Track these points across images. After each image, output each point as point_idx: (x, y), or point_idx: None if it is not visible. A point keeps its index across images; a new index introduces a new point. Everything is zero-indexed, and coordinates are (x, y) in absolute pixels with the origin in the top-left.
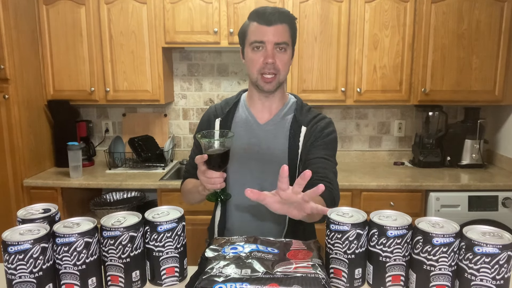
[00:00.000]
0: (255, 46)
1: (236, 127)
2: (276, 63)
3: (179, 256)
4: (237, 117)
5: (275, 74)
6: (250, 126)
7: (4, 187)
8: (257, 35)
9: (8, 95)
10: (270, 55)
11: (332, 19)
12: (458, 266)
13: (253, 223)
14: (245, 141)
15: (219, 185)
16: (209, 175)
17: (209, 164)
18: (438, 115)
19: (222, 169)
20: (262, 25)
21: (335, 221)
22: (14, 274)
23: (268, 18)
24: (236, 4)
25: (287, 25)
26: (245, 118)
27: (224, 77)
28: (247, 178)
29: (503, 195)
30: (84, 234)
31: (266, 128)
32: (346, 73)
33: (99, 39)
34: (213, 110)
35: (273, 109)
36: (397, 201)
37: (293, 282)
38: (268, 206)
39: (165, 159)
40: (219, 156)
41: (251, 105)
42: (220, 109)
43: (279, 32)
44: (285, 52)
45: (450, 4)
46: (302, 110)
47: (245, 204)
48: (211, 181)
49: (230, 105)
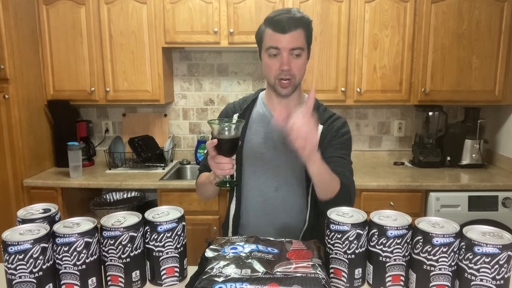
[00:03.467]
0: (271, 53)
1: (253, 123)
2: (291, 69)
3: (179, 256)
4: (254, 113)
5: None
6: (267, 122)
7: (4, 187)
8: (272, 41)
9: (8, 95)
10: (286, 62)
11: (332, 19)
12: (458, 266)
13: (267, 218)
14: (261, 136)
15: (228, 171)
16: (218, 160)
17: (219, 149)
18: (438, 115)
19: (231, 155)
20: (277, 33)
21: (335, 221)
22: (14, 274)
23: (282, 27)
24: (236, 4)
25: (302, 29)
26: (262, 113)
27: (224, 77)
28: (262, 172)
29: (503, 195)
30: (84, 234)
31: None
32: (346, 73)
33: (99, 39)
34: (231, 107)
35: (291, 107)
36: (397, 201)
37: (293, 282)
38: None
39: (165, 159)
40: (229, 141)
41: (269, 103)
42: (238, 106)
43: (294, 38)
44: (300, 57)
45: (450, 4)
46: (318, 109)
47: (260, 199)
48: (220, 167)
49: (248, 102)
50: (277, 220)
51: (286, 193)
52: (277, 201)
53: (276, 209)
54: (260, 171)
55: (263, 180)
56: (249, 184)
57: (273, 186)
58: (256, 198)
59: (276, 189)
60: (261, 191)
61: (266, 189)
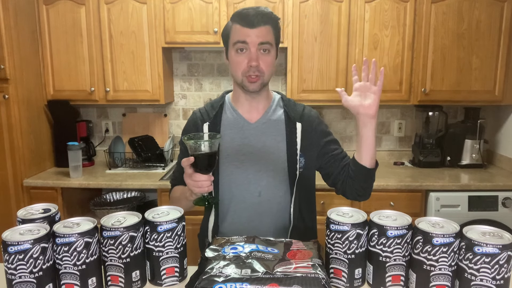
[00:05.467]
0: (239, 47)
1: (225, 130)
2: (260, 65)
3: (179, 256)
4: (225, 119)
5: (258, 75)
6: (240, 127)
7: (4, 187)
8: (240, 36)
9: (8, 95)
10: (254, 57)
11: (332, 19)
12: (458, 266)
13: (251, 224)
14: (237, 142)
15: (207, 189)
16: (196, 178)
17: (196, 166)
18: (438, 115)
19: (209, 172)
20: (245, 27)
21: (335, 221)
22: (14, 274)
23: (251, 20)
24: (236, 4)
25: (270, 26)
26: (233, 119)
27: (224, 77)
28: (243, 179)
29: (503, 195)
30: (84, 234)
31: (258, 126)
32: (346, 73)
33: (99, 39)
34: (199, 115)
35: (261, 108)
36: (397, 201)
37: (293, 282)
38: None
39: (165, 159)
40: (206, 158)
41: (238, 106)
42: (206, 113)
43: (263, 33)
44: (268, 54)
45: (450, 4)
46: (289, 105)
47: (243, 206)
48: (198, 184)
49: (216, 109)
50: (263, 224)
51: (270, 196)
52: (261, 206)
53: (261, 215)
54: (240, 179)
55: (245, 187)
56: (230, 192)
57: (256, 192)
58: (239, 205)
59: (260, 194)
60: (244, 198)
61: (249, 195)
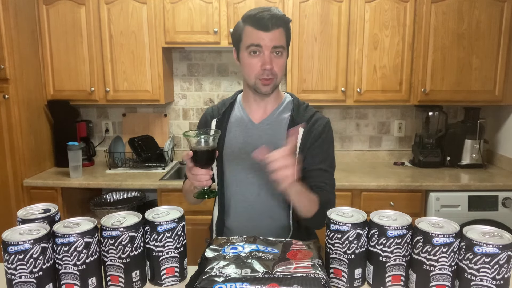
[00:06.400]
0: (252, 50)
1: (231, 127)
2: (273, 68)
3: (179, 256)
4: (232, 117)
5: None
6: (245, 126)
7: (4, 187)
8: (254, 39)
9: (8, 95)
10: (268, 61)
11: (332, 19)
12: (458, 266)
13: (251, 223)
14: (240, 140)
15: (205, 183)
16: (195, 172)
17: (195, 161)
18: (438, 115)
19: (208, 167)
20: (259, 31)
21: (335, 221)
22: (14, 274)
23: (265, 24)
24: (236, 4)
25: (283, 28)
26: (240, 118)
27: (224, 77)
28: (243, 178)
29: (503, 195)
30: (84, 234)
31: (261, 127)
32: (346, 73)
33: (99, 39)
34: (210, 112)
35: (268, 108)
36: (397, 201)
37: (293, 282)
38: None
39: (165, 159)
40: (205, 153)
41: (246, 105)
42: (217, 110)
43: (276, 37)
44: (281, 56)
45: (450, 4)
46: (299, 109)
47: (243, 204)
48: (197, 178)
49: (226, 106)
50: (262, 224)
51: (270, 197)
52: (260, 205)
53: (261, 214)
54: (241, 177)
55: (246, 186)
56: (231, 189)
57: (256, 191)
58: (239, 203)
59: (259, 194)
60: (244, 196)
61: (249, 194)
